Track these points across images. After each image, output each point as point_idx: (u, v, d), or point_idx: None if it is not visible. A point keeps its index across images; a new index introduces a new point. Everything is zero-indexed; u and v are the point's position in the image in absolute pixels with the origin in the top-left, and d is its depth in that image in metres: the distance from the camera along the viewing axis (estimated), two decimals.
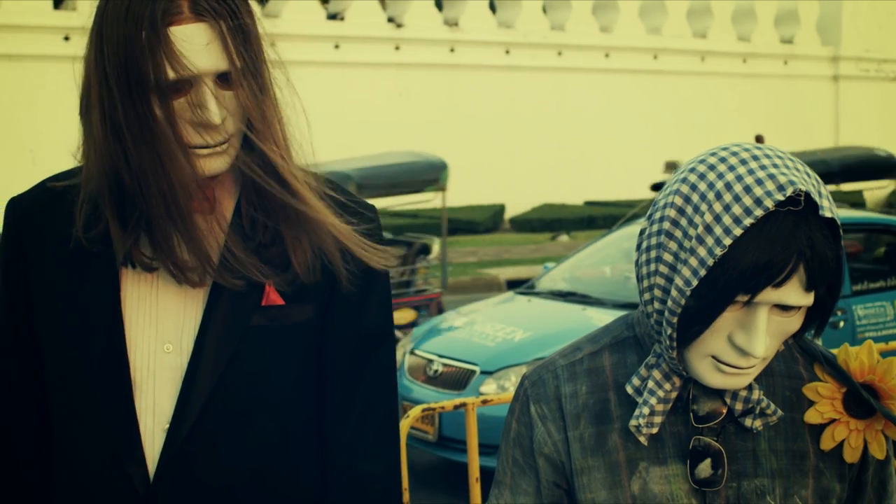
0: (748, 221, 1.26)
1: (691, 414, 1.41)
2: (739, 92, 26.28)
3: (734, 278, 1.27)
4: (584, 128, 24.24)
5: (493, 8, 24.35)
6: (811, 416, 1.42)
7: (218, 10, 1.42)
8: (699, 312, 1.31)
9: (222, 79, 1.44)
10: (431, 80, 22.78)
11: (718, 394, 1.41)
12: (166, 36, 1.38)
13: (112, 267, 1.50)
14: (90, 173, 1.48)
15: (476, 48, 23.22)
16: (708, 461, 1.39)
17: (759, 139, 19.43)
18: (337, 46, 21.75)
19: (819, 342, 1.52)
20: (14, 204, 1.59)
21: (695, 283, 1.29)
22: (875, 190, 19.42)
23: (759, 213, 1.26)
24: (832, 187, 13.78)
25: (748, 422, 1.40)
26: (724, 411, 1.40)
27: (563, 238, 20.58)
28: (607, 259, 7.57)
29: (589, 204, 24.09)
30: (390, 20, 22.68)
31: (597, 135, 24.37)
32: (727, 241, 1.27)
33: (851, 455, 1.42)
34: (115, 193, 1.46)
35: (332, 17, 22.59)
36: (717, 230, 1.28)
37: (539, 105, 23.76)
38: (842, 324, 6.47)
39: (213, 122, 1.42)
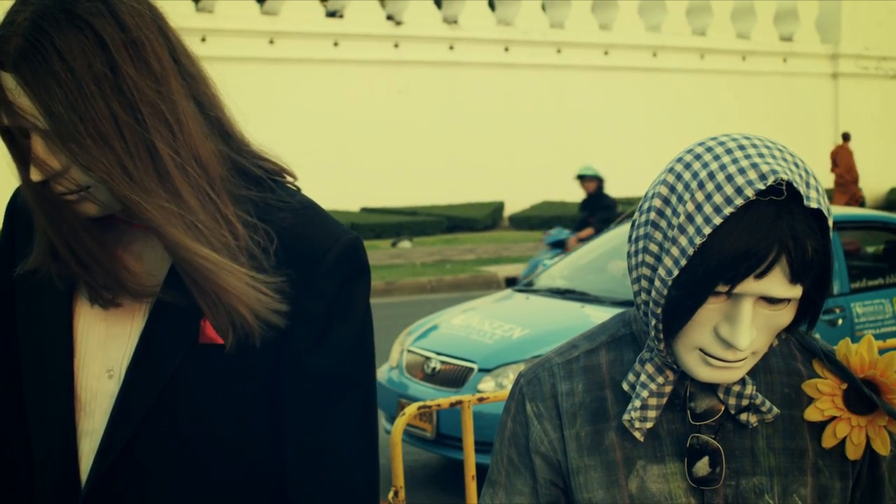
0: (728, 210, 1.25)
1: (689, 411, 1.39)
2: (739, 90, 26.28)
3: (713, 268, 1.26)
4: (584, 125, 24.24)
5: (492, 5, 24.35)
6: (811, 414, 1.40)
7: (16, 59, 1.27)
8: (681, 303, 1.30)
9: None
10: (430, 78, 22.78)
11: (714, 390, 1.39)
12: None
13: (68, 284, 1.45)
14: None
15: (475, 46, 23.22)
16: (706, 459, 1.38)
17: (845, 137, 19.57)
18: (336, 44, 21.74)
19: (817, 337, 1.50)
20: (16, 194, 1.54)
21: (676, 272, 1.28)
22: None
23: (739, 202, 1.24)
24: None
25: (743, 417, 1.38)
26: (722, 409, 1.39)
27: None
28: (606, 256, 7.56)
29: None
30: (389, 18, 22.67)
31: (596, 132, 24.37)
32: (707, 230, 1.25)
33: (854, 452, 1.40)
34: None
35: (331, 14, 22.59)
36: (698, 219, 1.27)
37: (538, 103, 23.76)
38: (840, 321, 6.46)
39: (32, 177, 1.33)
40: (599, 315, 6.25)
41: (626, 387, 1.40)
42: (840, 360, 1.41)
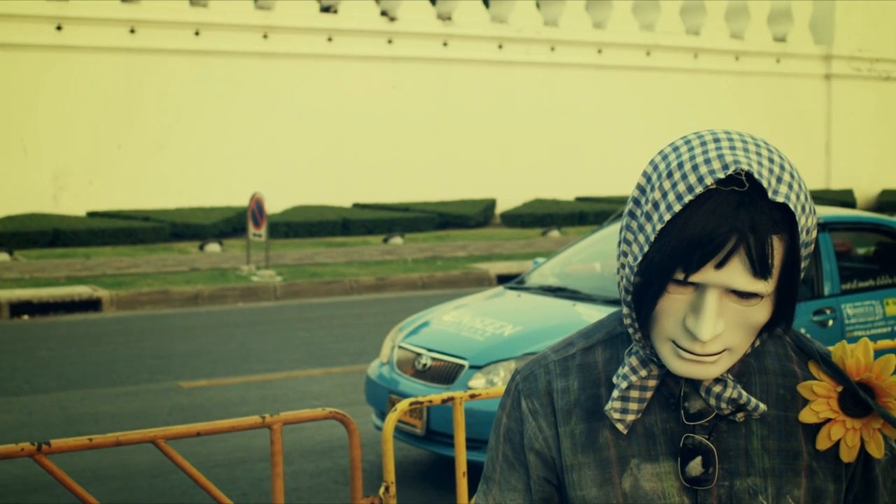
0: (688, 198, 1.27)
1: (682, 411, 1.39)
2: (732, 89, 26.30)
3: (669, 253, 1.28)
4: (577, 123, 24.24)
5: (486, 2, 24.32)
6: (806, 416, 1.40)
7: None
8: (645, 290, 1.32)
9: None
10: (424, 74, 22.75)
11: (698, 389, 1.39)
12: None
13: None
14: None
15: (469, 42, 23.19)
16: (699, 459, 1.38)
17: None
18: (330, 39, 21.69)
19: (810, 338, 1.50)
20: None
21: (640, 258, 1.31)
22: None
23: (699, 190, 1.27)
24: None
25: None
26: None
27: (554, 233, 20.59)
28: (598, 255, 7.56)
29: (580, 200, 24.09)
30: (383, 14, 22.63)
31: (589, 131, 24.37)
32: (667, 217, 1.28)
33: (848, 454, 1.40)
34: None
35: (326, 9, 22.54)
36: (662, 207, 1.29)
37: (531, 100, 23.75)
38: (831, 322, 6.48)
39: None
40: (591, 313, 6.26)
41: (615, 380, 1.41)
42: (836, 363, 1.41)
